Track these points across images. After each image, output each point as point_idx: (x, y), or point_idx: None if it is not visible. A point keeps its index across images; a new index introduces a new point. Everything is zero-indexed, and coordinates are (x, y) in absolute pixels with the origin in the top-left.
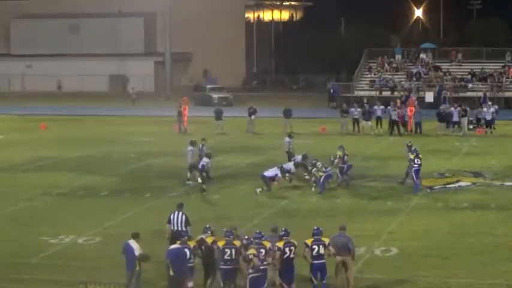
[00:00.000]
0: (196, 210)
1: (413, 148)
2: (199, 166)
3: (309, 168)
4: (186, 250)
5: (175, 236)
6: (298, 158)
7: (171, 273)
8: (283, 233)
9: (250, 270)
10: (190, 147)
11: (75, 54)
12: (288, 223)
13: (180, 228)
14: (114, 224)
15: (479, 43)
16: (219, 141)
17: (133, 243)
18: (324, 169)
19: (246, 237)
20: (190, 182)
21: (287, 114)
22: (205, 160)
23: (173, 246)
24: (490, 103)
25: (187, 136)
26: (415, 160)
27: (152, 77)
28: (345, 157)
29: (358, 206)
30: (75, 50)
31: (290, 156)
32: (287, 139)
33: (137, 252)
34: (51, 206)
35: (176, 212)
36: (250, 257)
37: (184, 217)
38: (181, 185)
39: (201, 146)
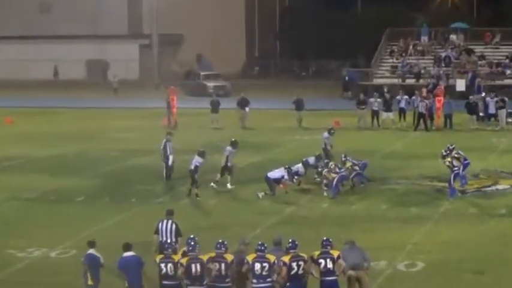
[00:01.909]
0: (188, 218)
1: (454, 152)
2: (192, 167)
3: (320, 169)
4: (141, 259)
5: (163, 248)
6: (311, 159)
7: (126, 284)
8: (290, 245)
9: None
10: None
11: (46, 36)
12: (295, 233)
13: (169, 239)
14: (93, 234)
15: None
16: (215, 138)
17: (95, 252)
18: (337, 170)
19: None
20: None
21: (299, 105)
22: (198, 160)
23: (126, 254)
24: None
25: (177, 131)
26: (454, 162)
27: (137, 62)
28: (354, 162)
29: (378, 212)
30: (46, 32)
31: (327, 154)
32: (325, 135)
33: (102, 260)
34: (18, 213)
35: (165, 221)
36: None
37: (174, 226)
38: (171, 189)
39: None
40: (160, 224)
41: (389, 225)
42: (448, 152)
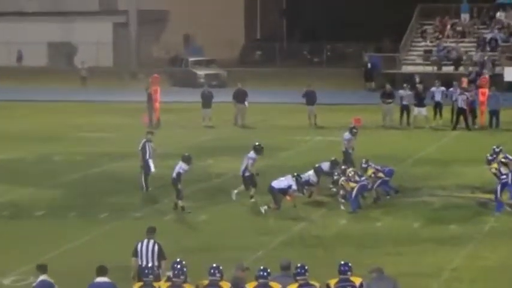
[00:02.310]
0: (173, 237)
1: (501, 157)
2: (174, 175)
3: (336, 177)
4: (115, 286)
5: (143, 274)
6: (325, 165)
7: None
8: (297, 271)
9: None
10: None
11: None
12: (305, 256)
13: (150, 263)
14: (56, 257)
15: None
16: (208, 139)
17: (48, 277)
18: (357, 178)
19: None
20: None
21: (310, 98)
22: (181, 167)
23: (99, 279)
24: None
25: (159, 130)
26: (501, 169)
27: (111, 45)
28: (378, 168)
29: (408, 231)
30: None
31: (348, 159)
32: (346, 135)
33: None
34: None
35: (146, 241)
36: None
37: (157, 247)
38: (152, 201)
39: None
40: (139, 245)
41: (423, 247)
42: (494, 156)
